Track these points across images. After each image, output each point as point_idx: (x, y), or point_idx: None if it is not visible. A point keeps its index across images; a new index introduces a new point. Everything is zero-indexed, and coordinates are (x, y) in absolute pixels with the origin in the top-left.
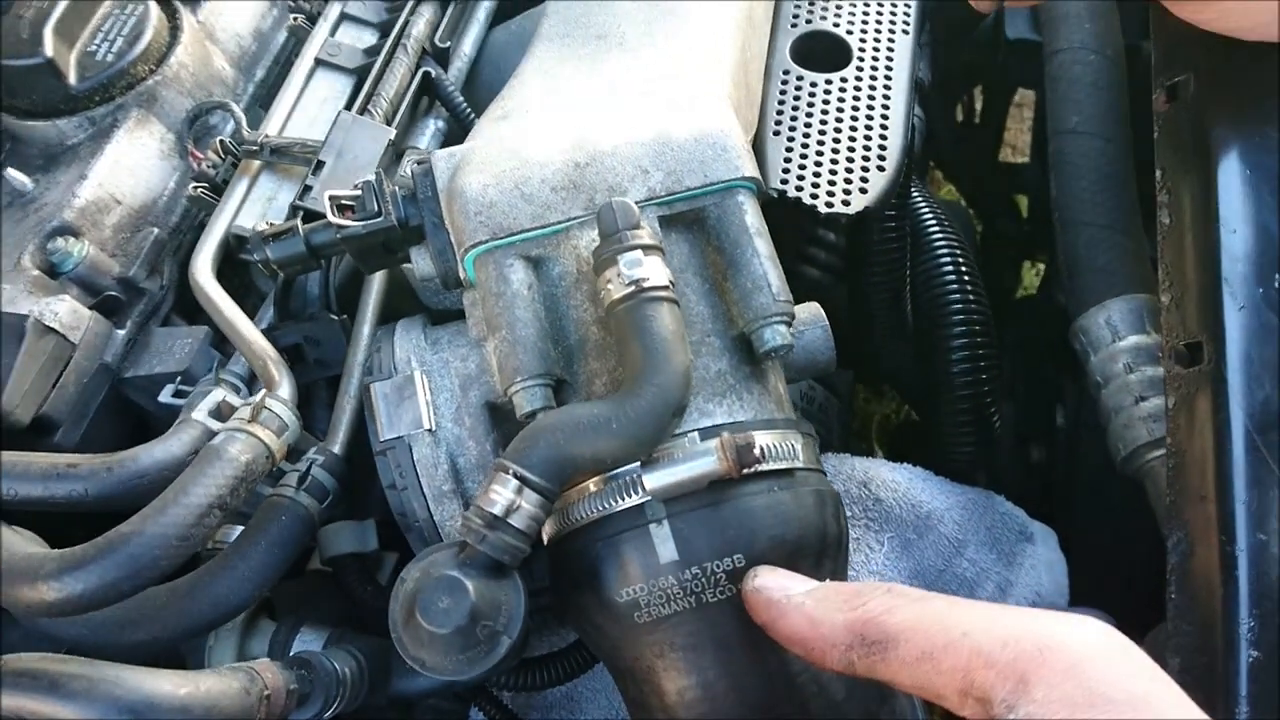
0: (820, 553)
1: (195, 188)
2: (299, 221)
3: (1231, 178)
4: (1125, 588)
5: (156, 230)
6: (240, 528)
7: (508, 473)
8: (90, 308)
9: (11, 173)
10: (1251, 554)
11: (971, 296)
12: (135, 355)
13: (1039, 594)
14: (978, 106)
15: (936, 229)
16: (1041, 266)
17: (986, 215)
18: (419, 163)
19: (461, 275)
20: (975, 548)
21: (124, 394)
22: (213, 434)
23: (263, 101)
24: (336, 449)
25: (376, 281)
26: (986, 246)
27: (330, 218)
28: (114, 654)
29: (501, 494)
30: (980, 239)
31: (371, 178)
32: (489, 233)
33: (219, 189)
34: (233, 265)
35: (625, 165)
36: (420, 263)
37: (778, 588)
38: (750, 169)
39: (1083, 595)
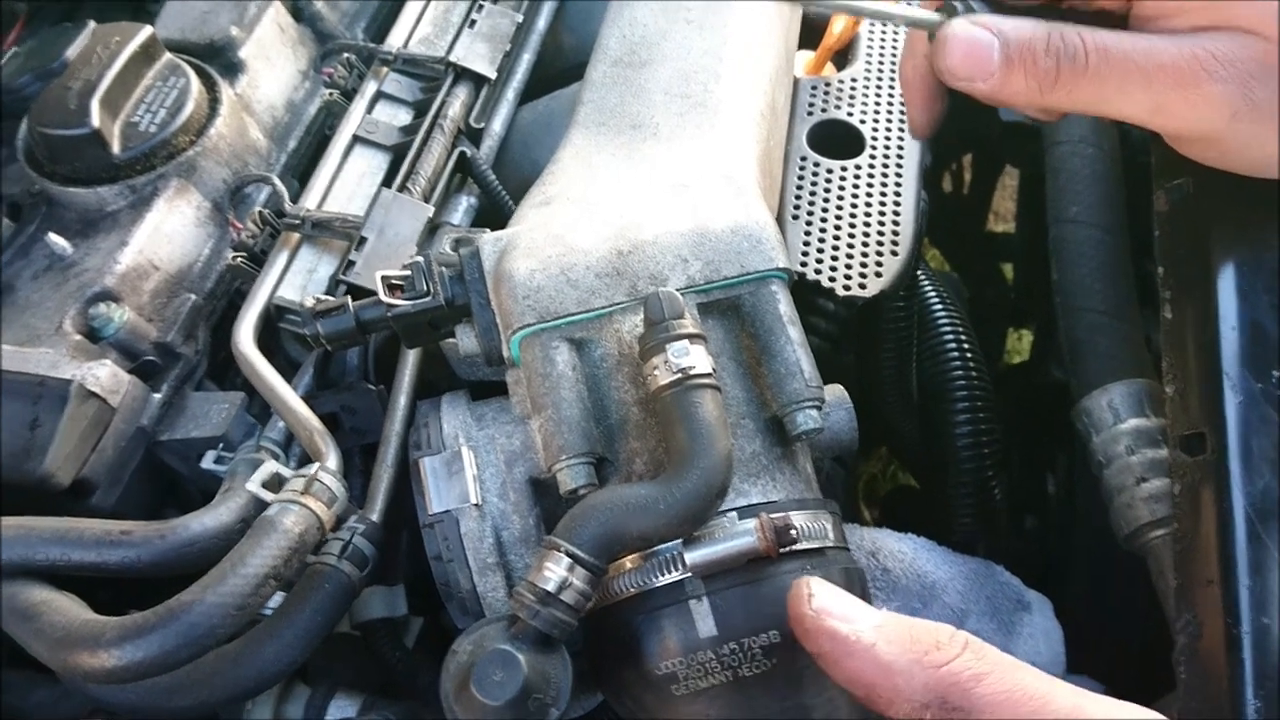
0: None
1: (235, 257)
2: (349, 299)
3: (1229, 277)
4: (1116, 655)
5: (193, 296)
6: (280, 593)
7: (560, 550)
8: (128, 372)
9: (53, 237)
10: (1256, 636)
11: (974, 374)
12: (170, 419)
13: (1036, 662)
14: (965, 176)
15: (940, 307)
16: (1024, 333)
17: (971, 282)
18: (459, 241)
19: (506, 354)
20: (977, 617)
21: (157, 457)
22: (262, 504)
23: (294, 171)
24: (375, 517)
25: (412, 353)
26: (972, 314)
27: (381, 296)
28: (159, 719)
29: (555, 571)
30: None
31: (420, 258)
32: (536, 316)
33: (258, 259)
34: (264, 330)
35: (666, 254)
36: (465, 340)
37: (841, 615)
38: (783, 260)
39: (1073, 661)
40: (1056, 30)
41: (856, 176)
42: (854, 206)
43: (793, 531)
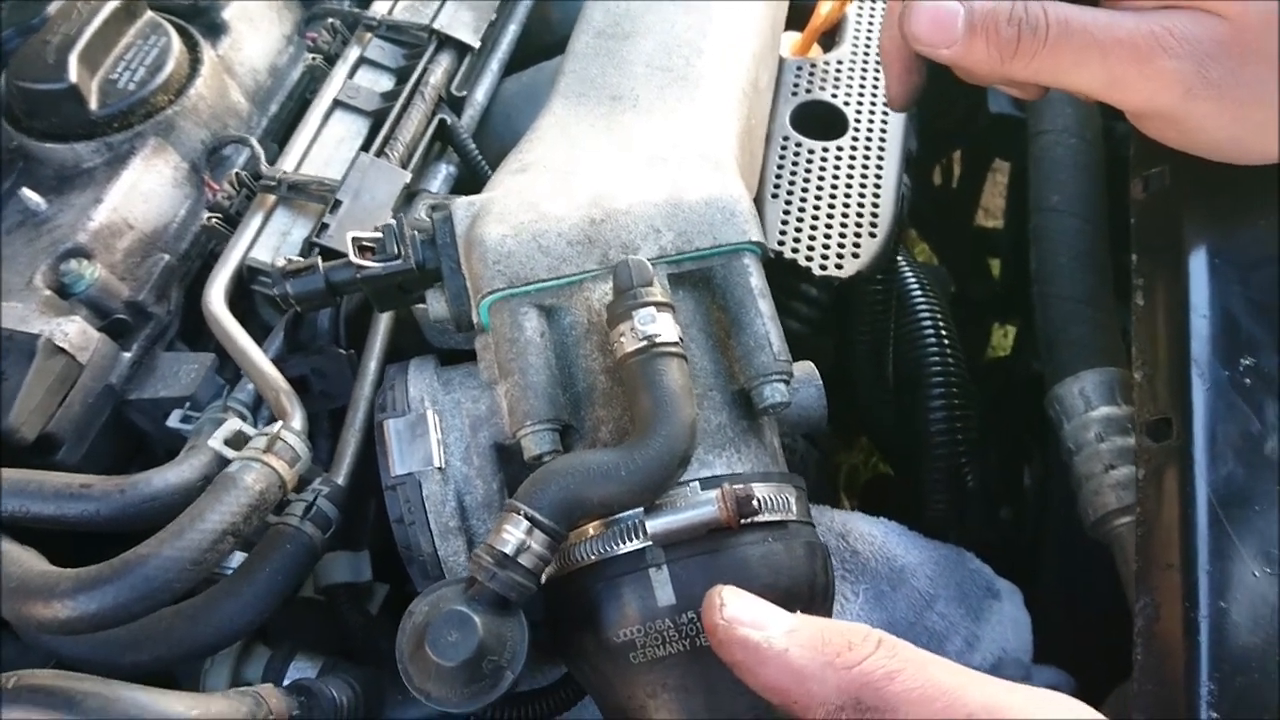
0: (810, 601)
1: (210, 218)
2: (319, 259)
3: (1201, 266)
4: (1084, 646)
5: (167, 256)
6: (241, 554)
7: (519, 514)
8: (98, 330)
9: (27, 192)
10: (1213, 621)
11: (951, 360)
12: (140, 378)
13: (1004, 650)
14: (955, 170)
15: (919, 293)
16: (1009, 329)
17: (959, 277)
18: (435, 208)
19: (475, 319)
20: (945, 602)
21: (125, 415)
22: (225, 461)
23: (275, 135)
24: (340, 480)
25: (384, 318)
26: (957, 308)
27: (352, 258)
28: (115, 674)
29: (513, 534)
30: (952, 300)
31: (392, 221)
32: (506, 281)
33: (233, 220)
34: (238, 294)
35: (639, 224)
36: (435, 305)
37: (752, 623)
38: (756, 234)
39: (1042, 652)
40: (1020, 2)
41: (838, 158)
42: (834, 187)
43: (754, 502)
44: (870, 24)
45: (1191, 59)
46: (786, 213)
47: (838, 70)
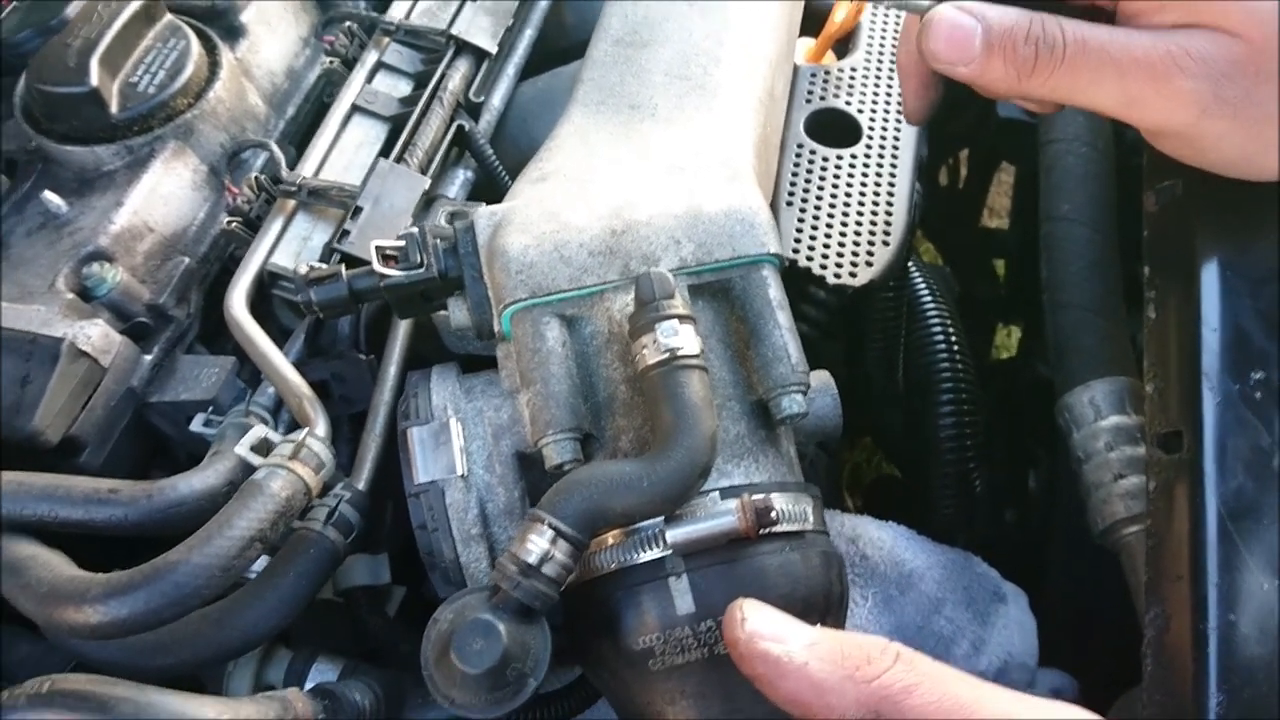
0: (825, 611)
1: (230, 222)
2: (343, 267)
3: (1213, 280)
4: (1088, 650)
5: (187, 259)
6: (265, 557)
7: (543, 523)
8: (120, 333)
9: (48, 195)
10: (1222, 633)
11: (960, 367)
12: (161, 381)
13: (1010, 653)
14: (961, 171)
15: (930, 300)
16: (1014, 329)
17: (963, 277)
18: (454, 215)
19: (497, 328)
20: (953, 606)
21: (146, 418)
22: (250, 467)
23: (292, 139)
24: (362, 485)
25: (403, 324)
26: (962, 309)
27: (375, 266)
28: (141, 677)
29: (537, 544)
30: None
31: (414, 229)
32: (528, 291)
33: (253, 224)
34: (257, 297)
35: (659, 235)
36: (457, 313)
37: (773, 636)
38: (775, 245)
39: (1046, 655)
40: (1038, 20)
41: (852, 165)
42: (848, 195)
43: (773, 513)
44: (884, 31)
45: (1207, 79)
46: (800, 221)
47: (851, 77)
